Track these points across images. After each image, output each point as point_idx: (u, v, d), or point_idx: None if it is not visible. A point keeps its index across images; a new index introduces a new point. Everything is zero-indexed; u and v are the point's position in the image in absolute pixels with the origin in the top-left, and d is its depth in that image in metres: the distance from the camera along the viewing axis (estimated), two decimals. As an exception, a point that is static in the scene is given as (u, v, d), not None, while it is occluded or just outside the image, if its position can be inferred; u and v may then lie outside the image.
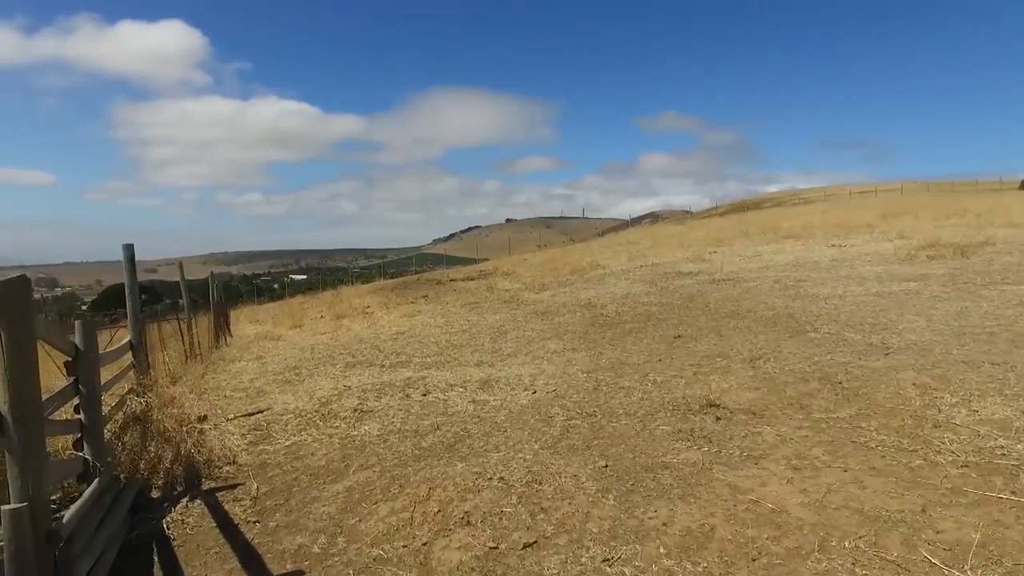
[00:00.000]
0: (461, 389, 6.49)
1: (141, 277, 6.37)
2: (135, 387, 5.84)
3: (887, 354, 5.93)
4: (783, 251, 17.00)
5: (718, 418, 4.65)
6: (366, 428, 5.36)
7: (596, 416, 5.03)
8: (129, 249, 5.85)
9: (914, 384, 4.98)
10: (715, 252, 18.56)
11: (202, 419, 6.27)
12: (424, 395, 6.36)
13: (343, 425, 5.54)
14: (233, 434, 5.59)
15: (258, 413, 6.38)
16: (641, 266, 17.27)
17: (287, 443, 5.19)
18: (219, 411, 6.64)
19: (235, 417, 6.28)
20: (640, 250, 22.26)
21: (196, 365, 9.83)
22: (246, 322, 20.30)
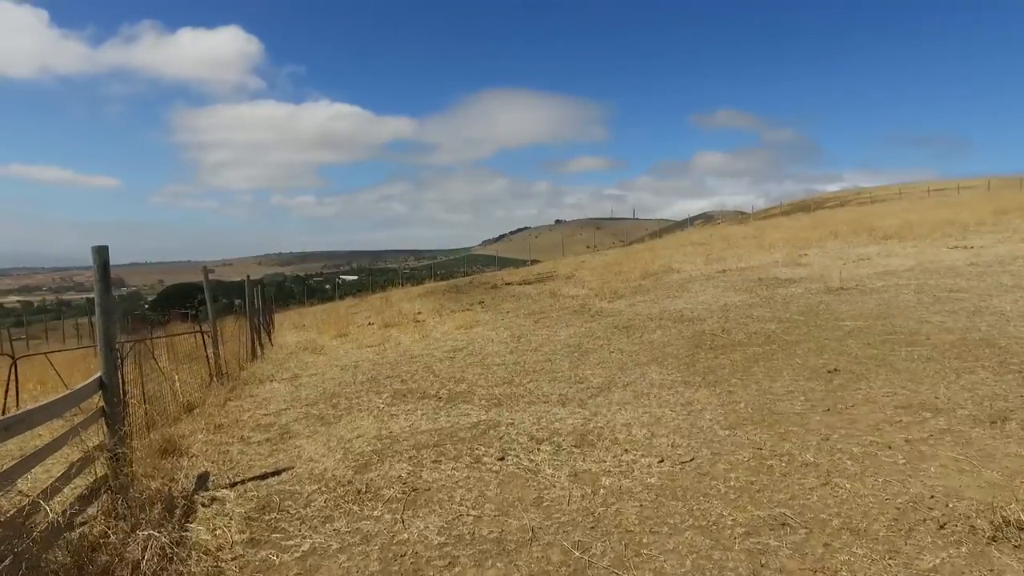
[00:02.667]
0: (551, 449, 4.62)
1: (198, 277, 4.80)
2: (105, 443, 4.18)
3: None
4: (894, 253, 14.63)
5: None
6: (421, 527, 3.53)
7: (797, 531, 3.06)
8: (101, 253, 4.17)
9: None
10: (807, 255, 16.29)
11: (201, 481, 4.60)
12: (501, 459, 4.51)
13: (387, 515, 3.73)
14: (230, 518, 3.86)
15: (275, 475, 4.66)
16: (723, 270, 15.15)
17: (302, 548, 3.40)
18: (226, 466, 4.96)
19: (244, 480, 4.57)
20: (715, 252, 20.06)
21: (220, 388, 8.28)
22: (290, 328, 19.00)
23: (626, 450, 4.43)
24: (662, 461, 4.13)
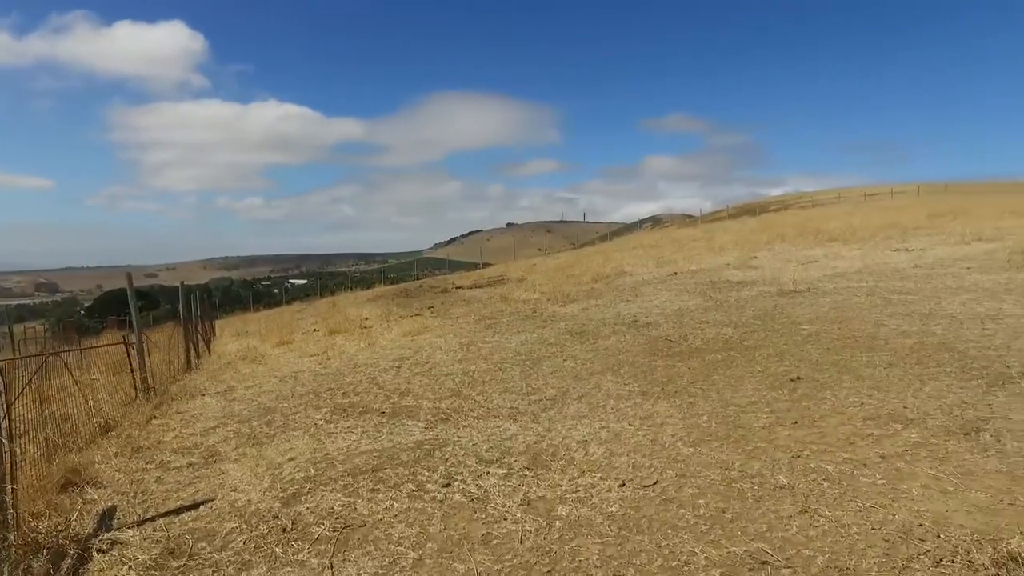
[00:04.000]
0: (501, 472, 4.20)
1: (139, 282, 4.21)
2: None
3: None
4: (840, 256, 14.76)
5: None
6: (352, 573, 3.06)
7: (780, 571, 2.69)
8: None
9: None
10: (757, 257, 16.34)
11: (104, 519, 4.01)
12: (446, 485, 4.06)
13: (314, 560, 3.24)
14: (130, 568, 3.30)
15: (191, 509, 4.10)
16: (675, 273, 15.04)
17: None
18: (138, 498, 4.38)
19: (155, 517, 4.00)
20: (666, 255, 20.03)
21: (145, 405, 7.57)
22: (232, 335, 18.07)
23: (583, 472, 4.04)
24: (623, 485, 3.76)
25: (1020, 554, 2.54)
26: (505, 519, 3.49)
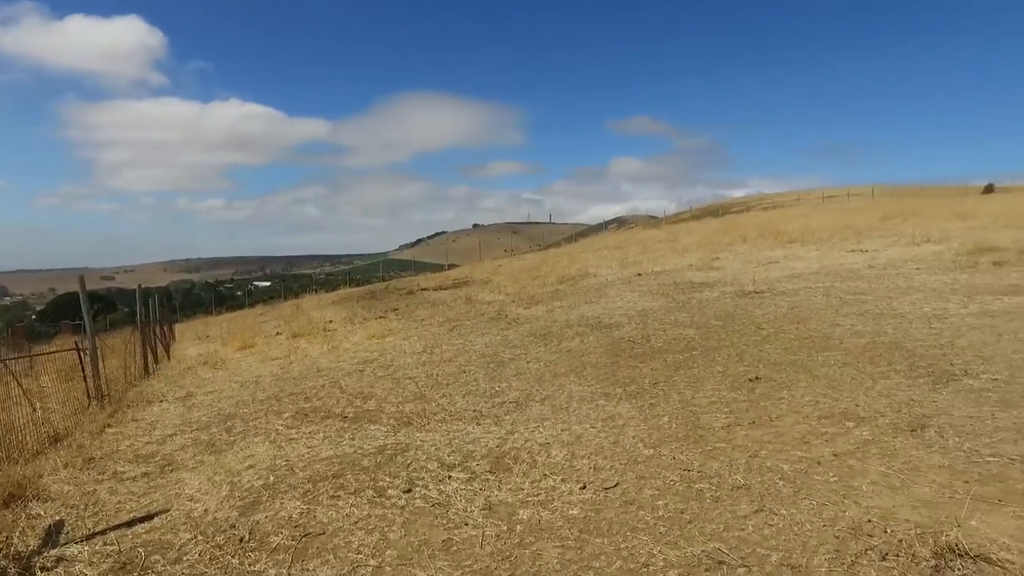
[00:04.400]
0: (463, 476, 4.19)
1: (95, 285, 4.05)
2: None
3: None
4: (799, 257, 15.11)
5: None
6: (310, 584, 3.03)
7: (736, 570, 2.74)
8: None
9: None
10: (719, 258, 16.62)
11: (51, 534, 3.88)
12: (407, 491, 4.03)
13: (271, 570, 3.17)
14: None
15: (144, 521, 3.99)
16: (639, 274, 15.20)
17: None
18: (89, 511, 4.24)
19: (106, 530, 3.88)
20: (630, 256, 20.24)
21: (99, 412, 7.35)
22: (193, 339, 17.67)
23: (545, 475, 4.06)
24: (584, 487, 3.78)
25: (957, 545, 2.65)
26: (466, 524, 3.47)
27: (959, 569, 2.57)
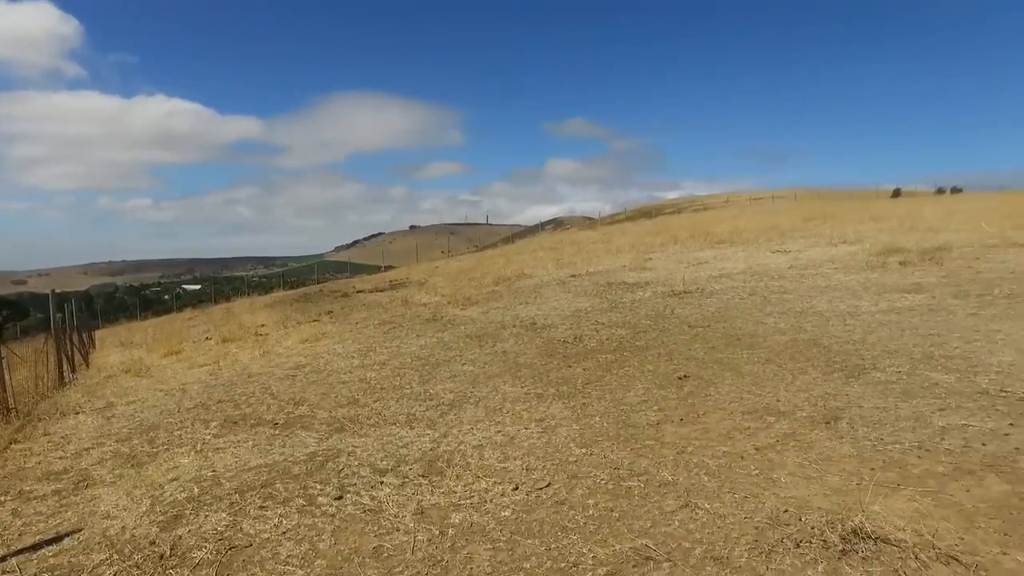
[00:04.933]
0: (396, 481, 4.15)
1: (6, 289, 3.71)
2: None
3: None
4: (727, 257, 15.64)
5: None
6: (234, 600, 2.93)
7: (661, 564, 2.82)
8: None
9: None
10: (651, 259, 17.02)
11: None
12: (338, 498, 3.96)
13: (191, 589, 3.08)
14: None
15: (53, 543, 3.77)
16: (574, 275, 15.40)
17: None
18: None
19: (5, 556, 3.64)
20: (566, 257, 20.47)
21: (5, 427, 6.90)
22: (115, 346, 16.81)
23: (478, 477, 4.06)
24: (516, 489, 3.81)
25: (861, 529, 2.83)
26: (398, 530, 3.44)
27: (862, 551, 2.74)
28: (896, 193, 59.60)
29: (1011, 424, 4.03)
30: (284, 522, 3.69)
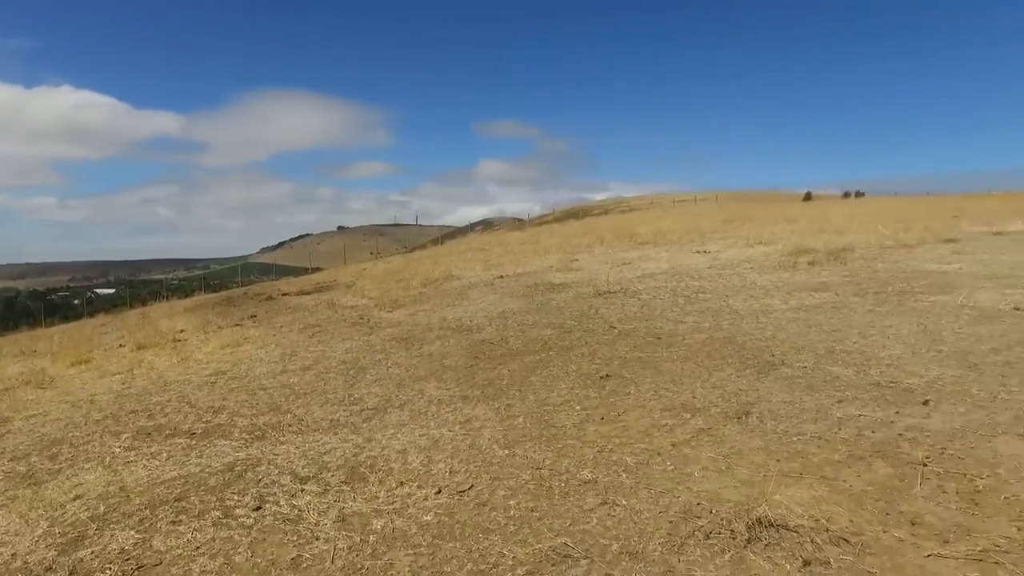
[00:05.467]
0: (317, 488, 4.07)
1: None
2: None
3: (926, 402, 4.50)
4: (651, 258, 16.10)
5: (806, 563, 2.74)
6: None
7: (579, 562, 2.88)
8: None
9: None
10: (578, 260, 17.32)
11: None
12: (256, 508, 3.85)
13: (92, 614, 2.93)
14: None
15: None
16: (501, 276, 15.50)
17: None
18: None
19: None
20: (494, 258, 20.56)
21: None
22: (14, 355, 15.58)
23: (401, 482, 4.04)
24: (439, 492, 3.81)
25: (765, 518, 3.00)
26: (318, 539, 3.38)
27: (766, 539, 2.90)
28: (808, 196, 63.00)
29: (896, 412, 4.37)
30: (198, 536, 3.55)
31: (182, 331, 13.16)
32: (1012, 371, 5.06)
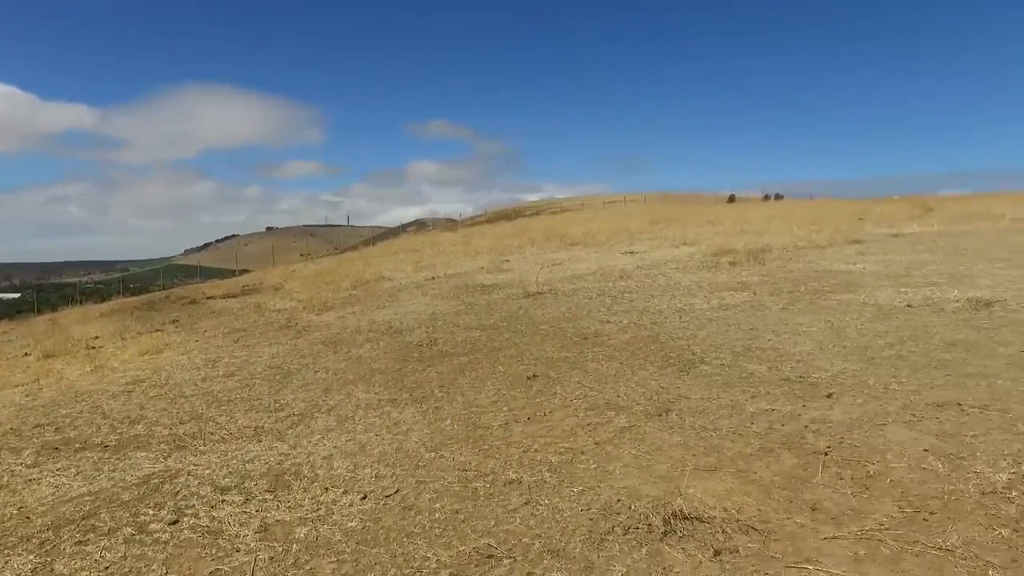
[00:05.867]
0: (239, 499, 3.98)
1: None
2: None
3: (830, 395, 4.79)
4: (580, 259, 16.39)
5: (717, 552, 2.90)
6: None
7: (502, 562, 2.95)
8: None
9: (929, 451, 3.75)
10: (508, 261, 17.45)
11: None
12: (174, 522, 3.72)
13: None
14: None
15: None
16: (433, 277, 15.45)
17: None
18: None
19: None
20: (425, 259, 20.46)
21: None
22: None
23: (326, 489, 4.00)
24: (365, 498, 3.80)
25: (680, 511, 3.16)
26: (238, 551, 3.31)
27: (680, 531, 3.05)
28: (731, 199, 65.51)
29: (803, 406, 4.65)
30: (107, 556, 3.41)
31: (97, 338, 12.48)
32: (904, 363, 5.47)
